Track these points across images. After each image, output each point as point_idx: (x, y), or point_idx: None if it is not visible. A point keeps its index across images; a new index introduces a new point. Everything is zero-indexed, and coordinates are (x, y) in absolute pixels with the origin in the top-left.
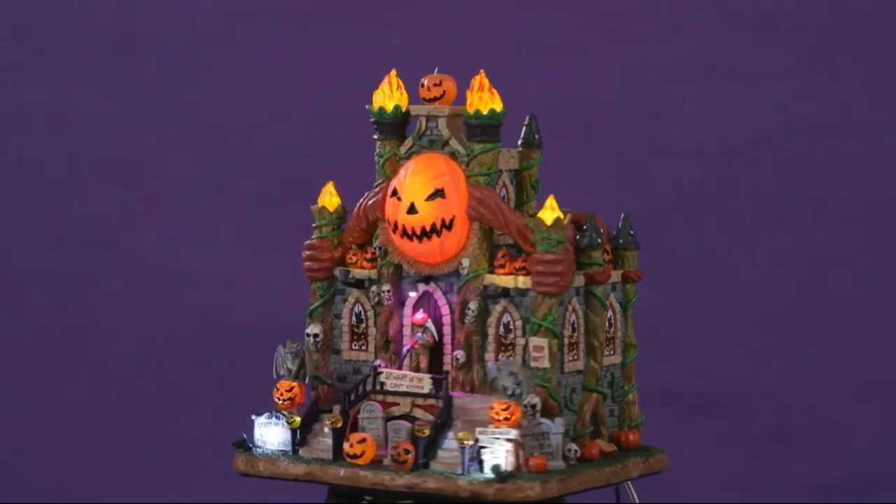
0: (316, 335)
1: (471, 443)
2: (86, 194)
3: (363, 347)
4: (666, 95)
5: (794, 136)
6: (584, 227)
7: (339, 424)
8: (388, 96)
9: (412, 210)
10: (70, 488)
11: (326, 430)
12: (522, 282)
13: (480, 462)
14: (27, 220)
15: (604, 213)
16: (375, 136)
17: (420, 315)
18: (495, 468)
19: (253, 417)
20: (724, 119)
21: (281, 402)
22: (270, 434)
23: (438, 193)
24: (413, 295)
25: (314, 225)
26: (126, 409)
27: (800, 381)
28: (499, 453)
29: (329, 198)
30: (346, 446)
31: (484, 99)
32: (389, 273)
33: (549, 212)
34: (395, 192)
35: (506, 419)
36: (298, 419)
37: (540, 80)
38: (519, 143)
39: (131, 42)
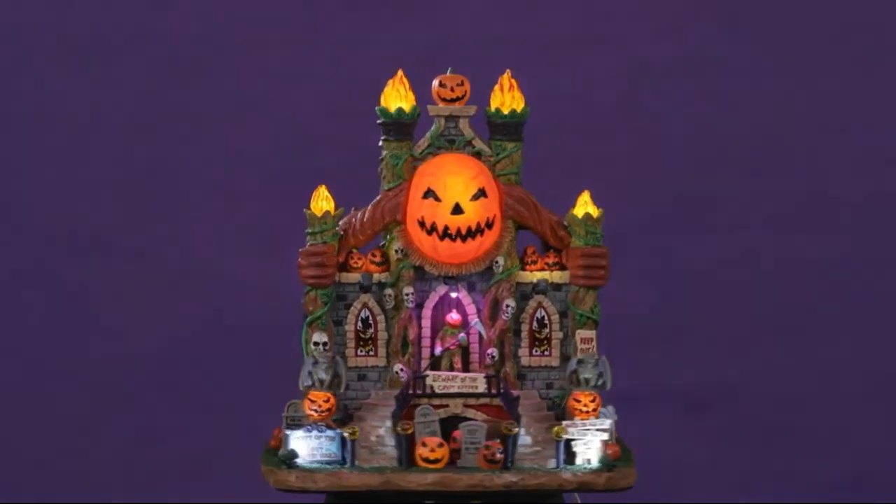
0: (324, 343)
1: (565, 436)
2: (86, 194)
3: (371, 353)
4: (666, 95)
5: (794, 136)
6: None
7: (411, 430)
8: (404, 97)
9: (458, 210)
10: (70, 488)
11: (374, 438)
12: (559, 276)
13: (571, 454)
14: (27, 219)
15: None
16: (384, 138)
17: (455, 315)
18: (604, 458)
19: (287, 432)
20: (722, 118)
21: (318, 413)
22: (300, 447)
23: (481, 193)
24: (454, 296)
25: (311, 231)
26: (126, 408)
27: (800, 381)
28: (593, 444)
29: (326, 202)
30: (424, 451)
31: (516, 98)
32: (410, 275)
33: (591, 207)
34: (429, 193)
35: (594, 410)
36: (357, 430)
37: (539, 79)
38: None
39: (132, 42)
